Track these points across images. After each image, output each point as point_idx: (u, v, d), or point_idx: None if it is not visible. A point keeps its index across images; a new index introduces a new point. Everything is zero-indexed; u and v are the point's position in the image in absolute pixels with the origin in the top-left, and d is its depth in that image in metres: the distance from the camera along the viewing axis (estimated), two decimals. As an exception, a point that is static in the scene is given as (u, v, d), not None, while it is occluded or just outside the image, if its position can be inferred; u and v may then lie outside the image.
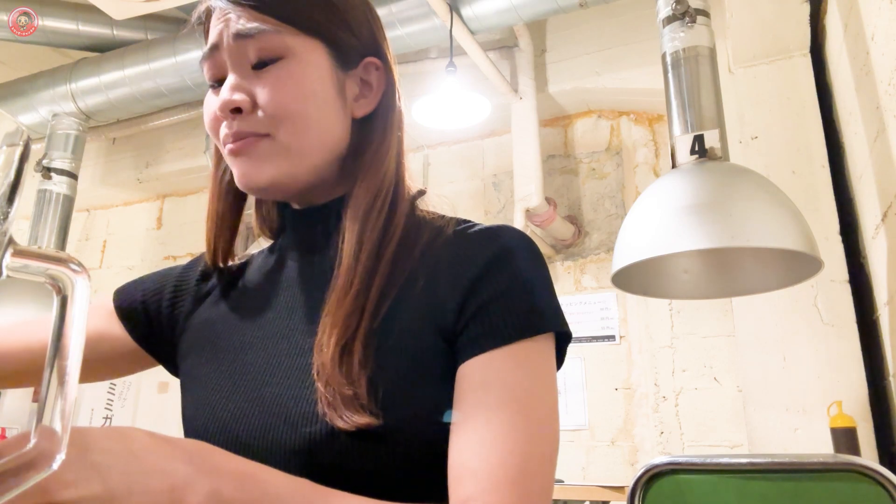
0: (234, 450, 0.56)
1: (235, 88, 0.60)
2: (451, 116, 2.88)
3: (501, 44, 3.29)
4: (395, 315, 0.57)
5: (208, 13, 0.64)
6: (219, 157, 0.68)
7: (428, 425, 0.53)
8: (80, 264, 0.34)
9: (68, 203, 3.34)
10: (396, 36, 2.78)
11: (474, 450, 0.50)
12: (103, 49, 3.33)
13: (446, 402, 0.54)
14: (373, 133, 0.65)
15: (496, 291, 0.56)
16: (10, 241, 0.31)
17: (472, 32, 2.81)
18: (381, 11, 2.73)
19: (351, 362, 0.53)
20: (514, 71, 3.24)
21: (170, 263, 4.34)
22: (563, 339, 0.59)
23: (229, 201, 0.68)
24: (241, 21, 0.60)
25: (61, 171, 3.32)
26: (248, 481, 0.43)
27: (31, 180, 3.29)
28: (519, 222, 2.99)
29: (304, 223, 0.67)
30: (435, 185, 0.69)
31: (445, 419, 0.53)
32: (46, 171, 3.28)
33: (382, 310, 0.57)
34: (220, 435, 0.58)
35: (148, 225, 4.38)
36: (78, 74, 3.29)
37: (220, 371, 0.62)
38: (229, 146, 0.60)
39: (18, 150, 0.30)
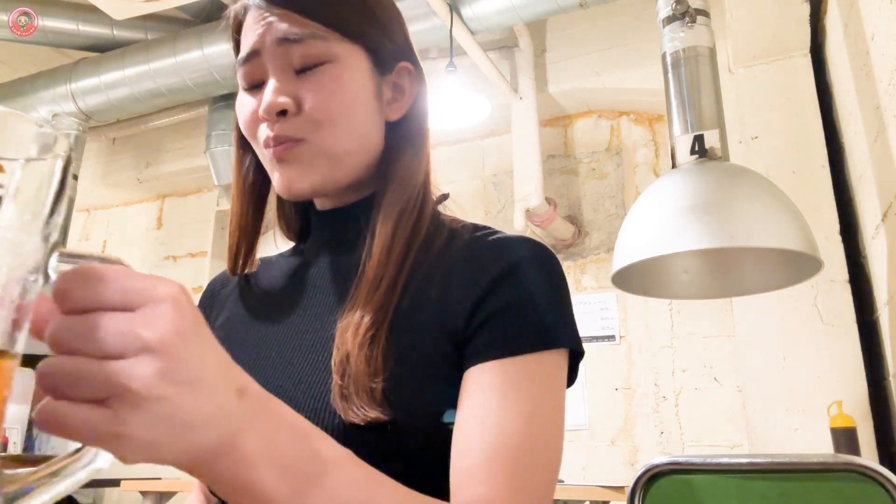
0: None
1: (280, 91, 0.59)
2: (451, 116, 2.88)
3: (501, 44, 3.29)
4: (411, 313, 0.58)
5: (244, 12, 0.64)
6: (241, 156, 0.69)
7: (431, 424, 0.54)
8: (126, 264, 0.35)
9: (68, 203, 3.34)
10: (396, 36, 2.79)
11: (479, 435, 0.51)
12: (103, 49, 3.33)
13: (449, 403, 0.55)
14: (407, 136, 0.66)
15: (509, 301, 0.56)
16: (56, 244, 0.31)
17: (472, 32, 2.81)
18: (381, 11, 2.74)
19: (375, 355, 0.54)
20: (514, 71, 3.24)
21: (170, 263, 4.29)
22: (575, 356, 0.59)
23: (253, 200, 0.69)
24: (286, 25, 0.60)
25: (61, 171, 3.32)
26: (302, 438, 0.40)
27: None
28: (519, 222, 2.99)
29: (332, 223, 0.67)
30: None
31: (445, 419, 0.54)
32: (46, 171, 3.28)
33: (402, 307, 0.58)
34: None
35: (148, 225, 4.38)
36: (78, 74, 3.29)
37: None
38: (271, 150, 0.61)
39: (61, 162, 0.31)
